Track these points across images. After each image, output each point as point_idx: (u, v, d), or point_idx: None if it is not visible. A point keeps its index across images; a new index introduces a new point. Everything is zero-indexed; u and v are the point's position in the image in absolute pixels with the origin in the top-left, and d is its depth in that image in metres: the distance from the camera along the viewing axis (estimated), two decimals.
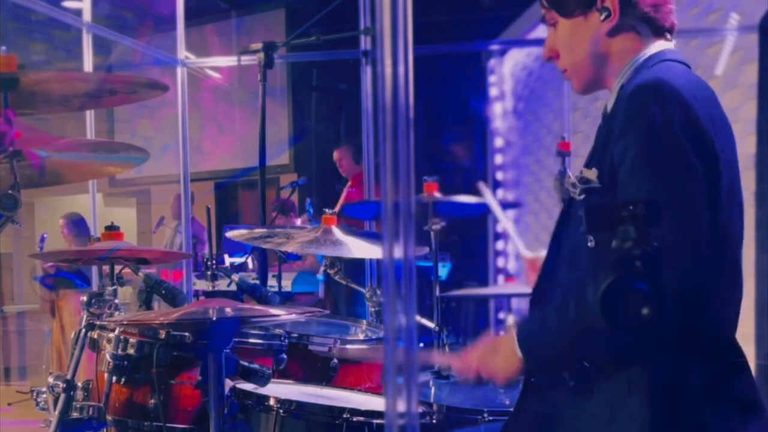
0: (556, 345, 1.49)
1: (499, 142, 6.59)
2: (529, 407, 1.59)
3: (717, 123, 1.44)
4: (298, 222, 6.12)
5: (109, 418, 2.17)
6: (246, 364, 1.89)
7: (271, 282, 4.58)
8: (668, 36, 1.58)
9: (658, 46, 1.55)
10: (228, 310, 1.82)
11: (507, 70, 6.59)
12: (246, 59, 3.91)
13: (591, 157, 1.53)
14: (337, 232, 2.52)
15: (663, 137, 1.38)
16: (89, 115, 3.68)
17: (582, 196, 1.49)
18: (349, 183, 5.76)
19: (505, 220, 1.99)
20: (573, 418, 1.49)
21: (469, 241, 6.39)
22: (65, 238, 6.66)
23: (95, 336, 2.23)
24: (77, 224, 6.58)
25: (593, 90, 1.64)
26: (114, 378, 2.15)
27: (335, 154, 5.89)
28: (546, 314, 1.54)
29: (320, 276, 5.75)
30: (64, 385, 2.15)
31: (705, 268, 1.38)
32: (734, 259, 1.50)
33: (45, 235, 6.63)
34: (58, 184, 2.17)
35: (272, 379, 1.98)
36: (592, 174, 1.47)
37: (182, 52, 4.07)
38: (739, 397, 1.45)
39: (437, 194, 2.55)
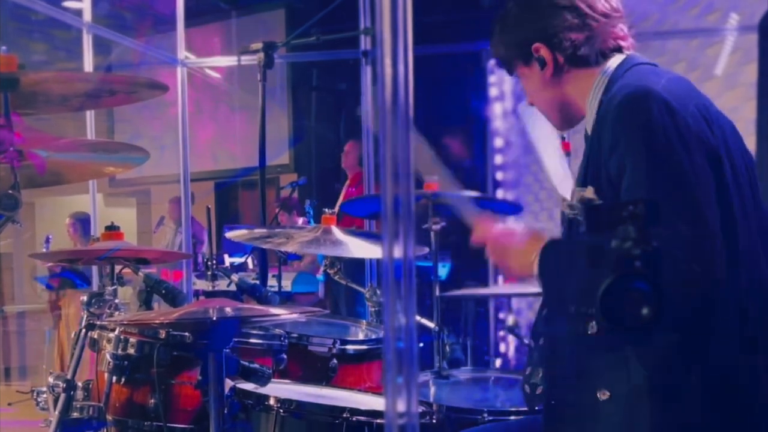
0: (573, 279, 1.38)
1: (499, 142, 6.58)
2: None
3: (708, 112, 1.44)
4: (300, 221, 6.12)
5: (109, 418, 2.17)
6: (246, 363, 1.89)
7: (271, 282, 4.59)
8: (622, 50, 1.59)
9: (615, 60, 1.57)
10: (228, 310, 1.82)
11: None
12: (246, 59, 3.91)
13: (584, 175, 1.52)
14: (337, 232, 2.52)
15: (656, 145, 1.38)
16: (89, 115, 3.68)
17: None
18: (348, 182, 5.76)
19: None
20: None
21: (469, 241, 6.37)
22: (71, 237, 6.67)
23: (95, 336, 2.23)
24: (84, 223, 6.59)
25: (573, 125, 1.68)
26: (114, 378, 2.15)
27: (347, 146, 5.87)
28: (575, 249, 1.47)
29: (320, 276, 5.75)
30: (65, 385, 2.15)
31: (720, 264, 1.35)
32: (751, 249, 1.46)
33: (50, 237, 6.65)
34: (58, 184, 2.17)
35: (272, 379, 1.98)
36: (590, 192, 1.46)
37: (182, 52, 4.07)
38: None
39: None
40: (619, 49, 1.58)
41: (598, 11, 1.57)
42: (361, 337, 2.76)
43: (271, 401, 1.95)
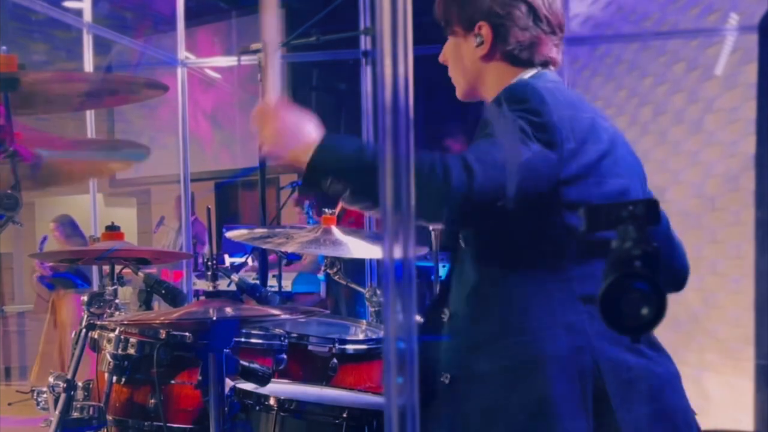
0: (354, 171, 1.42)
1: None
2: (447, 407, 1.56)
3: (580, 127, 1.47)
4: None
5: (109, 417, 2.17)
6: (246, 364, 1.89)
7: (271, 282, 4.58)
8: (543, 68, 1.61)
9: (532, 72, 1.60)
10: (228, 309, 1.82)
11: None
12: (246, 59, 3.91)
13: None
14: (337, 232, 2.52)
15: (506, 112, 1.44)
16: (89, 115, 3.68)
17: None
18: None
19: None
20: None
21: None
22: (57, 240, 6.70)
23: (96, 336, 2.23)
24: (68, 226, 6.64)
25: (472, 99, 1.71)
26: (114, 378, 2.15)
27: None
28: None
29: (321, 276, 5.75)
30: (65, 385, 2.15)
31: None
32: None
33: (47, 237, 6.68)
34: (59, 184, 2.16)
35: (272, 379, 1.98)
36: None
37: (182, 52, 4.07)
38: None
39: None
40: (545, 64, 1.61)
41: (551, 22, 1.59)
42: (361, 337, 2.76)
43: (271, 401, 1.95)
